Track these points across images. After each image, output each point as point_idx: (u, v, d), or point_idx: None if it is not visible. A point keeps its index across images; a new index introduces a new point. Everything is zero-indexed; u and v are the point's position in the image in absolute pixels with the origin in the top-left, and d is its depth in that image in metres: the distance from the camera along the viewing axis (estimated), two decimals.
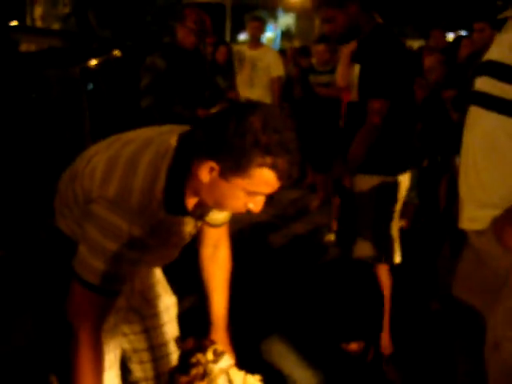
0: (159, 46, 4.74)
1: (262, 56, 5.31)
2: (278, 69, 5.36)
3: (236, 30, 20.56)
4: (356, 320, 2.91)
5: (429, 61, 4.41)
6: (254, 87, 5.33)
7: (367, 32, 2.44)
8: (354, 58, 2.54)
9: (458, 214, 1.77)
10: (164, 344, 1.76)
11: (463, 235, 1.82)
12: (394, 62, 2.36)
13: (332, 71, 4.74)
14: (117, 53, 3.91)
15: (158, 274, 1.80)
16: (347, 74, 4.16)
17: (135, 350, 1.73)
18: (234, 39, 19.28)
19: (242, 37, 21.99)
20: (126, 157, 1.32)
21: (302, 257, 4.09)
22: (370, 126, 2.37)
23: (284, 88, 5.56)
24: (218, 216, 1.60)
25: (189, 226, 1.49)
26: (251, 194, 1.26)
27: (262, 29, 5.49)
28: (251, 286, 3.41)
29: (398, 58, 2.41)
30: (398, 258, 2.63)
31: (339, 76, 4.27)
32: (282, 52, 7.40)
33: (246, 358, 1.71)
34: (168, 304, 1.79)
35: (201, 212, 1.46)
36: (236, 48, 5.94)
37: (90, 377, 1.31)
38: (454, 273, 1.94)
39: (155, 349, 1.74)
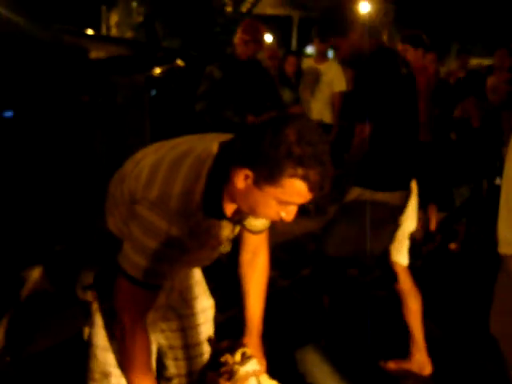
0: (220, 56, 4.88)
1: (326, 70, 5.35)
2: (340, 84, 5.38)
3: (303, 43, 20.65)
4: (396, 336, 2.89)
5: (491, 80, 4.34)
6: (315, 101, 5.38)
7: (367, 55, 2.53)
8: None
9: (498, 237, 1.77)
10: (199, 344, 1.81)
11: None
12: (378, 86, 2.43)
13: None
14: (180, 62, 4.06)
15: (198, 275, 1.87)
16: None
17: (171, 347, 1.80)
18: (300, 52, 19.39)
19: (309, 50, 22.04)
20: (169, 161, 1.41)
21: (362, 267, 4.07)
22: (353, 146, 2.53)
23: (344, 103, 5.57)
24: (257, 223, 1.65)
25: (226, 230, 1.55)
26: (283, 203, 1.32)
27: (328, 44, 5.53)
28: (291, 295, 3.44)
29: (386, 82, 2.47)
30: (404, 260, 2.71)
31: None
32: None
33: (279, 366, 1.75)
34: (205, 306, 1.84)
35: (238, 217, 1.52)
36: (304, 61, 6.01)
37: (139, 364, 1.43)
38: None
39: (190, 348, 1.80)
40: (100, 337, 1.62)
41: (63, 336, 2.85)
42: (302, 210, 1.66)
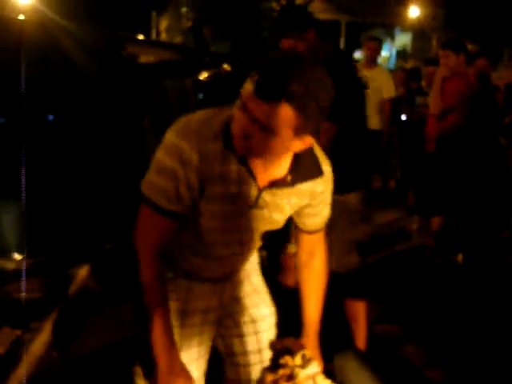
0: None
1: (375, 76, 5.30)
2: (389, 90, 5.33)
3: (350, 48, 20.52)
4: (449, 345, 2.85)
5: None
6: None
7: (321, 58, 2.44)
8: None
9: None
10: (258, 351, 1.76)
11: None
12: (342, 88, 2.40)
13: None
14: (226, 67, 4.10)
15: (257, 283, 1.81)
16: (439, 100, 4.11)
17: (230, 353, 1.77)
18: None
19: (357, 55, 21.89)
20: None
21: (397, 277, 4.03)
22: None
23: (392, 109, 5.53)
24: (310, 221, 1.60)
25: (249, 188, 1.44)
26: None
27: (378, 50, 5.50)
28: (332, 299, 3.42)
29: (347, 85, 2.41)
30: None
31: (431, 102, 4.20)
32: (394, 72, 7.34)
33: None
34: (265, 313, 1.79)
35: (261, 172, 1.44)
36: None
37: (154, 294, 1.46)
38: None
39: (249, 355, 1.76)
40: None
41: (109, 333, 2.92)
42: None
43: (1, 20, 3.68)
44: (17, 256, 3.01)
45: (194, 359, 1.66)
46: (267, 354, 1.71)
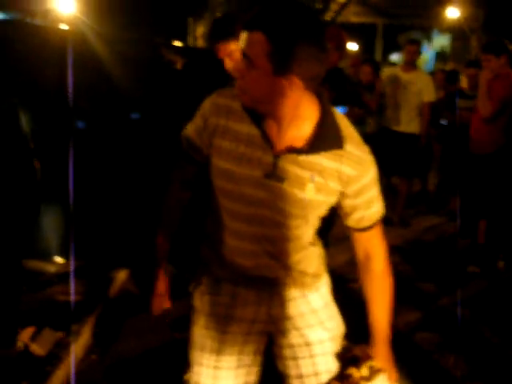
0: None
1: (415, 80, 5.22)
2: (429, 94, 5.23)
3: (388, 50, 20.30)
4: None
5: None
6: (402, 110, 5.27)
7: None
8: None
9: None
10: (314, 375, 1.65)
11: None
12: None
13: None
14: None
15: (316, 303, 1.65)
16: (487, 103, 4.02)
17: (285, 375, 1.69)
18: (385, 59, 19.08)
19: (394, 57, 21.65)
20: None
21: (439, 285, 3.95)
22: None
23: (431, 112, 5.43)
24: (355, 215, 1.50)
25: (265, 157, 1.41)
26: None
27: (418, 53, 5.40)
28: None
29: None
30: None
31: (480, 106, 4.11)
32: (432, 74, 7.23)
33: None
34: (321, 337, 1.64)
35: (275, 135, 1.40)
36: (389, 70, 5.91)
37: (163, 216, 1.68)
38: None
39: (304, 378, 1.66)
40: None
41: (147, 337, 2.94)
42: (385, 221, 1.60)
43: (45, 30, 3.76)
44: (59, 259, 3.07)
45: (233, 367, 1.63)
46: (326, 377, 1.61)
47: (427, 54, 19.01)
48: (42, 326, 2.68)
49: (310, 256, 1.60)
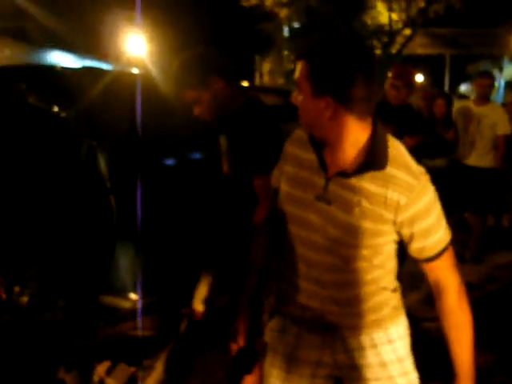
0: None
1: (488, 113, 5.08)
2: (504, 127, 5.08)
3: (456, 81, 19.94)
4: None
5: None
6: (475, 144, 5.14)
7: (235, 107, 2.24)
8: (221, 130, 2.37)
9: None
10: None
11: None
12: (268, 136, 2.19)
13: None
14: None
15: (387, 357, 1.55)
16: None
17: None
18: (453, 90, 18.71)
19: (463, 88, 21.21)
20: None
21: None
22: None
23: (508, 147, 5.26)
24: (415, 245, 1.45)
25: (319, 180, 1.46)
26: None
27: (491, 86, 5.24)
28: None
29: (271, 132, 2.22)
30: None
31: None
32: (504, 105, 7.02)
33: None
34: None
35: (331, 164, 1.45)
36: (460, 103, 5.79)
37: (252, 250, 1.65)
38: None
39: None
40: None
41: (217, 373, 2.96)
42: (457, 257, 1.54)
43: (118, 74, 3.97)
44: (133, 296, 3.16)
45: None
46: None
47: (498, 84, 18.50)
48: (116, 361, 2.75)
49: (380, 303, 1.52)
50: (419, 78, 18.20)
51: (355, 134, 1.40)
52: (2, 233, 2.76)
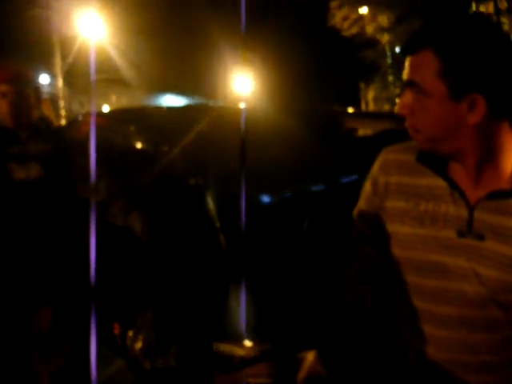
0: None
1: None
2: None
3: None
4: None
5: None
6: None
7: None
8: None
9: None
10: None
11: None
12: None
13: None
14: None
15: None
16: None
17: None
18: None
19: None
20: None
21: None
22: None
23: None
24: None
25: (457, 211, 1.11)
26: None
27: None
28: None
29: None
30: None
31: None
32: None
33: None
34: None
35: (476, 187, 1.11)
36: None
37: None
38: None
39: None
40: None
41: None
42: None
43: (222, 109, 3.95)
44: (247, 342, 3.03)
45: None
46: None
47: None
48: None
49: None
50: None
51: (509, 140, 1.09)
52: (116, 277, 2.75)
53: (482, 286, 1.11)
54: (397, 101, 1.15)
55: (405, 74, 1.11)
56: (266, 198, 3.32)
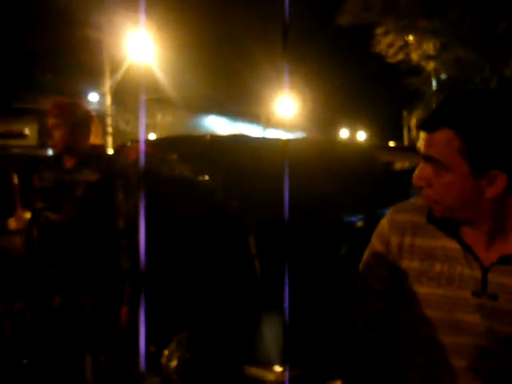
0: None
1: None
2: None
3: None
4: None
5: None
6: None
7: None
8: None
9: None
10: None
11: None
12: None
13: None
14: None
15: None
16: None
17: None
18: None
19: None
20: None
21: None
22: None
23: None
24: None
25: (471, 272, 1.19)
26: None
27: None
28: None
29: None
30: None
31: None
32: None
33: None
34: None
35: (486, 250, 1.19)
36: None
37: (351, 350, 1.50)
38: None
39: None
40: None
41: None
42: None
43: (266, 141, 4.06)
44: (277, 367, 3.09)
45: None
46: None
47: None
48: None
49: None
50: None
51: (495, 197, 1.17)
52: (153, 297, 2.86)
53: (496, 341, 1.19)
54: None
55: (422, 149, 1.17)
56: (307, 225, 3.39)
